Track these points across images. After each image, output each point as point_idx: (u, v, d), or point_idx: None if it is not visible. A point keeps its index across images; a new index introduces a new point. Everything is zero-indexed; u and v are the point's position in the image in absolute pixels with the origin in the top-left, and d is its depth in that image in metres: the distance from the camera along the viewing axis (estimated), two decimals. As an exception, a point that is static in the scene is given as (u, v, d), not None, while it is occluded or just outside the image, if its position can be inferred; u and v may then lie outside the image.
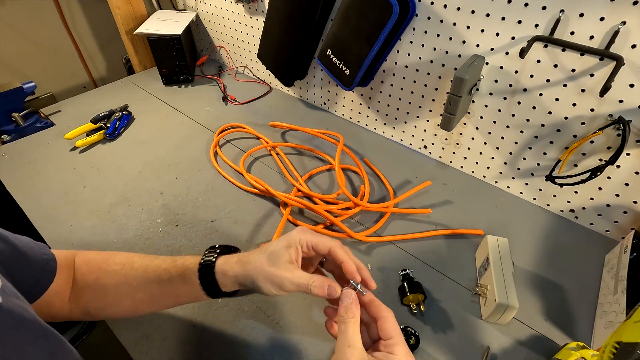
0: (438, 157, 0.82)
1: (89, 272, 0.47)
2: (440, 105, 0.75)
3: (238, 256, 0.43)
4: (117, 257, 0.48)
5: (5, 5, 1.11)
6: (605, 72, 0.53)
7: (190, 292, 0.43)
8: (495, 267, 0.54)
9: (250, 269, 0.40)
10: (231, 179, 0.78)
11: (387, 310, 0.36)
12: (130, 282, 0.45)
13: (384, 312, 0.36)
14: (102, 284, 0.46)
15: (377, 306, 0.37)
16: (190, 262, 0.44)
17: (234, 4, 1.02)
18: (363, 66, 0.72)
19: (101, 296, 0.46)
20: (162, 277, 0.44)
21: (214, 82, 1.13)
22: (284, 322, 0.54)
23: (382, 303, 0.37)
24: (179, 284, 0.44)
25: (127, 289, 0.45)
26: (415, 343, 0.49)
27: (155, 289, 0.45)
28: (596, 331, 0.52)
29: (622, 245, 0.57)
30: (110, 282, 0.46)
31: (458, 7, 0.62)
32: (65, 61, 1.30)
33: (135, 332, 0.53)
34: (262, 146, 0.86)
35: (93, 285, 0.46)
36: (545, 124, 0.63)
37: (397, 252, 0.64)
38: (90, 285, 0.46)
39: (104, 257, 0.48)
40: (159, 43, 1.04)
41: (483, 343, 0.51)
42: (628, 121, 0.53)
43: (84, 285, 0.46)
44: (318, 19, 0.81)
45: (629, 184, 0.59)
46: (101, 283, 0.46)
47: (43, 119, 0.99)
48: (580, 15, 0.51)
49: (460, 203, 0.72)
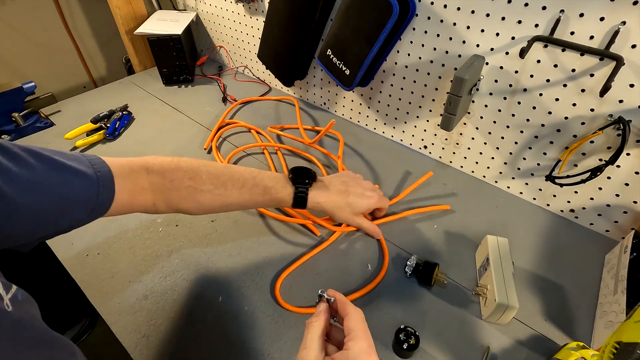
0: (438, 157, 0.82)
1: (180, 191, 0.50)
2: (440, 105, 0.75)
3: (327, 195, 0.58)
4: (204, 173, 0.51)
5: (5, 5, 1.11)
6: (605, 72, 0.53)
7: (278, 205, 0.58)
8: (495, 267, 0.54)
9: (337, 213, 0.60)
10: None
11: (354, 309, 0.38)
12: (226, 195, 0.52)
13: (350, 310, 0.37)
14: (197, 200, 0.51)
15: (345, 306, 0.38)
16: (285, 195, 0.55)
17: (234, 4, 1.02)
18: (363, 66, 0.72)
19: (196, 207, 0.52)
20: (256, 194, 0.54)
21: (214, 82, 1.13)
22: (284, 322, 0.54)
23: (350, 303, 0.38)
24: (271, 202, 0.56)
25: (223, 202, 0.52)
26: (415, 343, 0.49)
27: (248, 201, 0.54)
28: (596, 331, 0.52)
29: (622, 245, 0.57)
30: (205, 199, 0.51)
31: (458, 7, 0.62)
32: (65, 61, 1.30)
33: (135, 332, 0.53)
34: (257, 144, 0.86)
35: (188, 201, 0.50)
36: (545, 124, 0.63)
37: (396, 250, 0.64)
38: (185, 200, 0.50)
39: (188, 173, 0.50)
40: (159, 43, 1.04)
41: (483, 343, 0.52)
42: (628, 121, 0.53)
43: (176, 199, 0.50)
44: (318, 19, 0.81)
45: (629, 184, 0.59)
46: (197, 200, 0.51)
47: (43, 119, 0.99)
48: (580, 15, 0.51)
49: (460, 203, 0.72)
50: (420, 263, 0.59)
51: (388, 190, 0.75)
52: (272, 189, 0.54)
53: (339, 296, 0.39)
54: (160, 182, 0.48)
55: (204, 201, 0.51)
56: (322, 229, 0.67)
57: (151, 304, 0.57)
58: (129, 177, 0.46)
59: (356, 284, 0.59)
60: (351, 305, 0.38)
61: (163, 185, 0.48)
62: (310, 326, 0.37)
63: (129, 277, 0.61)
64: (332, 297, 0.39)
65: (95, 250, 0.65)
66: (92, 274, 0.61)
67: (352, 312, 0.37)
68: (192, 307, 0.56)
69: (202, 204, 0.51)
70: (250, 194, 0.53)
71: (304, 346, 0.35)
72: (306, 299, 0.57)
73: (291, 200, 0.55)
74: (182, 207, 0.51)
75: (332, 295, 0.39)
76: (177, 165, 0.50)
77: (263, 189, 0.54)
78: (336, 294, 0.39)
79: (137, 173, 0.47)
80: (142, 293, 0.58)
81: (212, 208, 0.53)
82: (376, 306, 0.56)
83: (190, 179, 0.49)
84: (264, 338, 0.52)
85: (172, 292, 0.58)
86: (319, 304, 0.40)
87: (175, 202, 0.50)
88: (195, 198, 0.50)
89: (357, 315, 0.37)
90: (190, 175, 0.50)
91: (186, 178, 0.49)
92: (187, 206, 0.51)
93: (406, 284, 0.59)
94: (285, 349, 0.51)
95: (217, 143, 0.88)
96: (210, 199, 0.51)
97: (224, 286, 0.59)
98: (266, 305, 0.56)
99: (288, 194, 0.55)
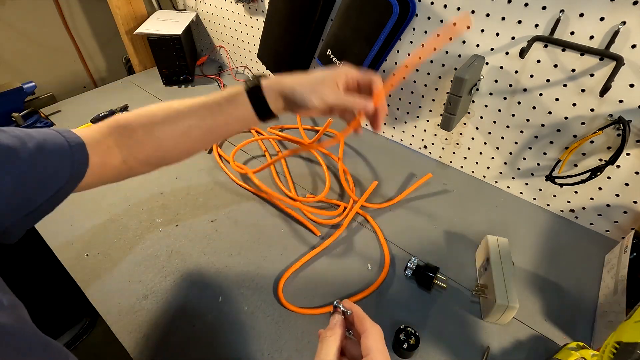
0: (438, 157, 0.82)
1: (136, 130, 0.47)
2: (440, 105, 0.75)
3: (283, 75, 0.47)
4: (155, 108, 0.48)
5: (5, 5, 1.11)
6: (605, 72, 0.53)
7: (241, 115, 0.47)
8: (495, 267, 0.54)
9: (297, 82, 0.46)
10: (233, 177, 0.78)
11: (372, 326, 0.35)
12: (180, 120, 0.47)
13: (368, 327, 0.35)
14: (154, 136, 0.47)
15: (362, 322, 0.36)
16: (236, 89, 0.47)
17: (234, 4, 1.02)
18: (363, 66, 0.72)
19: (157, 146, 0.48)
20: (212, 108, 0.47)
21: (214, 82, 1.13)
22: (284, 322, 0.54)
23: (369, 319, 0.36)
24: (230, 109, 0.47)
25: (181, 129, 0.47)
26: (415, 343, 0.49)
27: (207, 120, 0.48)
28: (596, 331, 0.52)
29: (622, 245, 0.57)
30: (162, 131, 0.47)
31: (458, 7, 0.62)
32: (65, 61, 1.30)
33: (135, 333, 0.53)
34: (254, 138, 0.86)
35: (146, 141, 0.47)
36: (545, 124, 0.63)
37: (397, 251, 0.64)
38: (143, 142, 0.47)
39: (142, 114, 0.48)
40: (159, 43, 1.04)
41: (483, 343, 0.51)
42: (628, 121, 0.53)
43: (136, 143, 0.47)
44: (318, 19, 0.81)
45: (629, 184, 0.59)
46: (153, 135, 0.47)
47: (43, 119, 0.99)
48: (580, 15, 0.51)
49: (460, 203, 0.72)
50: (421, 265, 0.59)
51: (388, 190, 0.75)
52: (225, 98, 0.48)
53: (356, 309, 0.37)
54: (122, 132, 0.47)
55: (163, 136, 0.47)
56: (322, 228, 0.67)
57: (151, 304, 0.57)
58: (97, 140, 0.45)
59: (356, 283, 0.59)
60: (369, 321, 0.36)
61: (124, 133, 0.47)
62: (325, 341, 0.35)
63: (129, 277, 0.61)
64: (348, 310, 0.37)
65: (95, 250, 0.65)
66: (92, 274, 0.61)
67: (370, 329, 0.35)
68: (192, 307, 0.56)
69: (162, 140, 0.47)
70: (208, 111, 0.48)
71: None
72: (307, 299, 0.57)
73: (246, 96, 0.47)
74: (146, 151, 0.48)
75: (348, 308, 0.37)
76: (135, 113, 0.48)
77: (217, 101, 0.48)
78: (353, 307, 0.37)
79: (103, 134, 0.46)
80: (142, 293, 0.58)
81: (176, 143, 0.48)
82: (376, 306, 0.56)
83: (145, 117, 0.47)
84: (264, 338, 0.52)
85: (172, 292, 0.58)
86: (334, 316, 0.37)
87: (139, 149, 0.47)
88: (154, 135, 0.47)
89: (376, 334, 0.35)
90: (144, 114, 0.48)
91: (141, 117, 0.47)
92: (149, 149, 0.48)
93: (406, 284, 0.59)
94: (285, 349, 0.51)
95: (217, 143, 0.88)
96: (169, 132, 0.47)
97: (224, 286, 0.59)
98: (266, 305, 0.56)
99: (241, 92, 0.47)
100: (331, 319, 0.37)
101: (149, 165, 0.49)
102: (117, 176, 0.48)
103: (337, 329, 0.36)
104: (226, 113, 0.48)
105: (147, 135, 0.47)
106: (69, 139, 0.42)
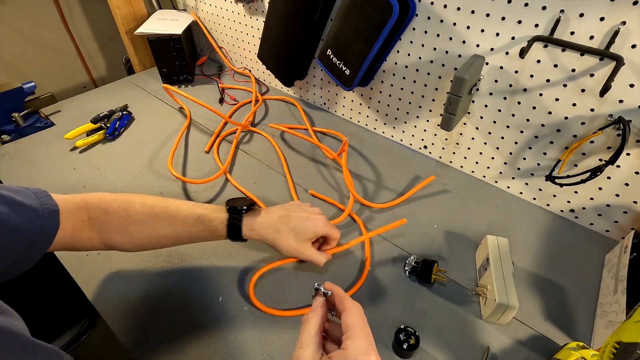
0: (438, 157, 0.82)
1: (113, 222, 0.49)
2: (440, 105, 0.75)
3: (264, 219, 0.52)
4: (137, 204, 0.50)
5: (5, 5, 1.11)
6: (605, 72, 0.53)
7: (213, 239, 0.53)
8: (495, 267, 0.54)
9: (278, 240, 0.51)
10: (232, 180, 0.78)
11: (352, 304, 0.35)
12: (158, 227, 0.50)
13: (348, 305, 0.35)
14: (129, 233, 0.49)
15: (343, 300, 0.36)
16: (217, 215, 0.51)
17: (234, 4, 1.02)
18: (363, 66, 0.72)
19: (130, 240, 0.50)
20: (190, 227, 0.51)
21: (214, 82, 1.13)
22: (284, 322, 0.54)
23: (349, 297, 0.36)
24: (206, 234, 0.52)
25: (155, 234, 0.50)
26: (415, 343, 0.49)
27: (183, 236, 0.52)
28: (596, 331, 0.52)
29: (622, 245, 0.57)
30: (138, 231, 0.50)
31: (458, 7, 0.62)
32: (65, 61, 1.30)
33: (135, 332, 0.53)
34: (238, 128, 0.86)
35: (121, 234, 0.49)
36: (545, 124, 0.63)
37: (397, 251, 0.64)
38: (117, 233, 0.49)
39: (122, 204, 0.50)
40: (159, 43, 1.04)
41: (483, 343, 0.52)
42: (628, 121, 0.53)
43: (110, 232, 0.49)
44: (318, 19, 0.81)
45: (629, 184, 0.59)
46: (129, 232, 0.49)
47: (43, 119, 0.99)
48: (580, 15, 0.51)
49: (460, 203, 0.72)
50: (419, 262, 0.59)
51: (388, 190, 0.75)
52: (205, 217, 0.51)
53: (336, 289, 0.37)
54: (97, 214, 0.48)
55: (136, 233, 0.49)
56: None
57: (151, 304, 0.57)
58: (72, 211, 0.47)
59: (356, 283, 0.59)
60: (349, 299, 0.36)
61: (99, 217, 0.48)
62: (307, 322, 0.35)
63: (129, 277, 0.61)
64: (329, 291, 0.37)
65: (95, 250, 0.64)
66: (92, 274, 0.61)
67: (350, 307, 0.35)
68: (192, 307, 0.56)
69: (134, 236, 0.49)
70: (183, 224, 0.50)
71: (299, 345, 0.33)
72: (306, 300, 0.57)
73: (225, 229, 0.51)
74: (115, 240, 0.49)
75: (329, 289, 0.37)
76: (114, 198, 0.50)
77: (196, 217, 0.50)
78: (333, 287, 0.37)
79: (78, 207, 0.48)
80: (142, 293, 0.58)
81: (145, 241, 0.51)
82: (376, 306, 0.56)
83: (124, 210, 0.49)
84: (264, 338, 0.52)
85: (172, 292, 0.58)
86: (315, 298, 0.37)
87: (109, 235, 0.49)
88: (127, 229, 0.49)
89: (356, 311, 0.34)
90: (124, 206, 0.49)
91: (121, 209, 0.49)
92: (120, 239, 0.49)
93: (406, 284, 0.59)
94: (285, 349, 0.51)
95: (218, 143, 0.88)
96: (142, 230, 0.49)
97: (224, 286, 0.59)
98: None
99: (221, 221, 0.51)
100: (313, 301, 0.37)
101: (112, 249, 0.51)
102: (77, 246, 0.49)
103: (319, 310, 0.36)
104: (201, 235, 0.52)
105: (121, 229, 0.49)
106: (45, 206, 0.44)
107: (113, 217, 0.48)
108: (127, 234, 0.49)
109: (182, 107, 1.00)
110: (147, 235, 0.50)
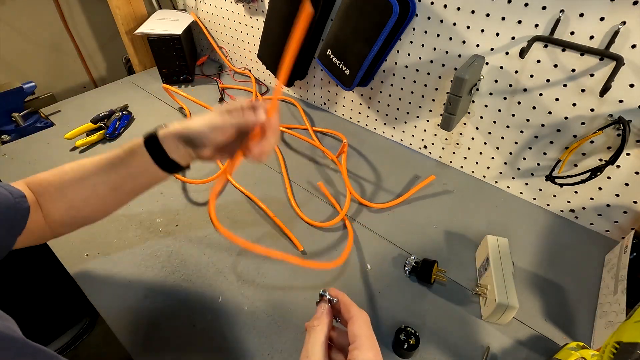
0: (438, 157, 0.82)
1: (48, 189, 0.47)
2: (440, 105, 0.75)
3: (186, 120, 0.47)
4: (67, 167, 0.49)
5: (5, 5, 1.11)
6: (605, 72, 0.53)
7: (142, 167, 0.47)
8: (495, 267, 0.54)
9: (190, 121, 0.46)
10: (232, 180, 0.78)
11: (359, 312, 0.34)
12: (87, 177, 0.47)
13: (354, 313, 0.34)
14: (64, 194, 0.47)
15: (349, 308, 0.35)
16: (136, 140, 0.47)
17: (234, 4, 1.02)
18: (363, 66, 0.72)
19: (69, 205, 0.47)
20: (115, 162, 0.47)
21: (214, 82, 1.13)
22: (284, 322, 0.54)
23: (355, 305, 0.35)
24: (130, 161, 0.47)
25: (88, 187, 0.47)
26: (415, 343, 0.49)
27: (112, 175, 0.47)
28: (596, 331, 0.52)
29: (622, 245, 0.57)
30: (71, 189, 0.47)
31: (458, 7, 0.62)
32: (65, 61, 1.30)
33: (135, 332, 0.53)
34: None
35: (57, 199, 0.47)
36: (545, 124, 0.63)
37: (397, 251, 0.64)
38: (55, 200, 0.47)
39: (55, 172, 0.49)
40: (159, 43, 1.04)
41: (483, 343, 0.52)
42: (628, 121, 0.53)
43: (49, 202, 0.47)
44: (318, 19, 0.81)
45: (629, 184, 0.59)
46: (63, 193, 0.47)
47: (43, 119, 0.99)
48: (580, 15, 0.51)
49: (460, 203, 0.72)
50: (419, 262, 0.59)
51: (388, 191, 0.75)
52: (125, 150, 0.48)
53: (342, 297, 0.36)
54: (36, 188, 0.47)
55: (72, 195, 0.47)
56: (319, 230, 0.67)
57: (151, 304, 0.57)
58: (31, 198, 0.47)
59: (355, 283, 0.59)
60: (355, 307, 0.35)
61: (38, 190, 0.47)
62: (312, 331, 0.34)
63: (129, 277, 0.61)
64: (334, 298, 0.36)
65: (95, 251, 0.65)
66: (92, 274, 0.61)
67: (357, 316, 0.34)
68: (192, 307, 0.56)
69: (72, 199, 0.47)
70: (110, 165, 0.47)
71: (305, 354, 0.32)
72: (306, 299, 0.57)
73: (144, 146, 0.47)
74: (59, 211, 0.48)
75: (334, 296, 0.36)
76: (49, 172, 0.49)
77: (119, 155, 0.48)
78: (339, 294, 0.36)
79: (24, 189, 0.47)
80: (142, 293, 0.58)
81: (85, 202, 0.48)
82: (376, 306, 0.56)
83: (57, 176, 0.48)
84: (264, 338, 0.52)
85: (172, 292, 0.58)
86: (320, 305, 0.36)
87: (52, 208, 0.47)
88: (64, 195, 0.47)
89: (362, 320, 0.34)
90: (57, 172, 0.48)
91: (53, 176, 0.48)
92: (62, 209, 0.48)
93: (406, 284, 0.59)
94: (285, 349, 0.51)
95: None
96: (78, 190, 0.47)
97: (224, 286, 0.59)
98: (266, 305, 0.56)
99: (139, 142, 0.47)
100: (318, 308, 0.36)
101: (65, 226, 0.49)
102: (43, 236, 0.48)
103: (324, 317, 0.35)
104: (128, 166, 0.47)
105: (58, 195, 0.47)
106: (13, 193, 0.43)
107: (47, 186, 0.47)
108: (63, 199, 0.47)
109: (182, 107, 1.00)
110: (83, 192, 0.47)
